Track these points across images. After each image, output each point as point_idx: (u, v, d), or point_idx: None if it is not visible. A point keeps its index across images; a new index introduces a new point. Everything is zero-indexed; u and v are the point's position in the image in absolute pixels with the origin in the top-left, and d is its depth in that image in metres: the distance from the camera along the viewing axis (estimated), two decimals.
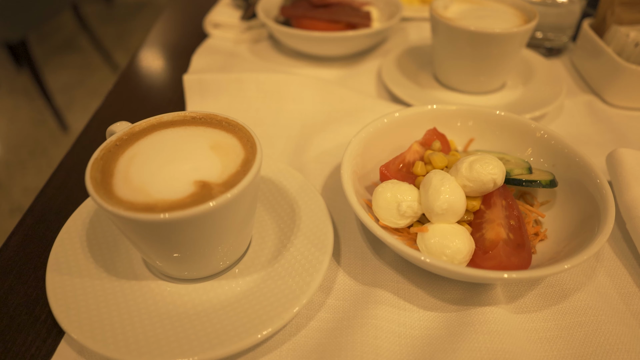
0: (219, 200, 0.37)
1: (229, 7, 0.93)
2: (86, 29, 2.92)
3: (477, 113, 0.57)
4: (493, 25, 0.66)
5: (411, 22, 0.96)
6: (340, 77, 0.79)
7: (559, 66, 0.83)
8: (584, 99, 0.73)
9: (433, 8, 0.69)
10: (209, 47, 0.85)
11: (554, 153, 0.53)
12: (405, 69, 0.77)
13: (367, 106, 0.67)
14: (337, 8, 0.82)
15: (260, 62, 0.82)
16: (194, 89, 0.71)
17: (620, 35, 0.71)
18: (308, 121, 0.67)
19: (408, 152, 0.52)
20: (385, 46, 0.88)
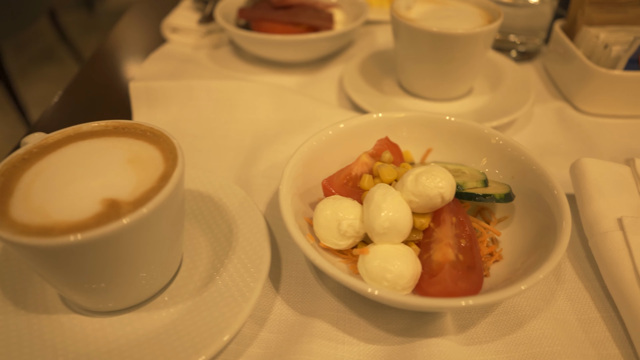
0: (122, 222, 0.32)
1: (188, 10, 0.89)
2: (65, 39, 2.87)
3: (429, 120, 0.53)
4: (456, 25, 0.62)
5: (380, 25, 0.92)
6: (302, 83, 0.75)
7: (531, 71, 0.79)
8: (554, 106, 0.70)
9: (393, 9, 0.65)
10: (165, 53, 0.81)
11: (512, 163, 0.49)
12: (368, 75, 0.73)
13: (322, 115, 0.63)
14: (298, 10, 0.78)
15: (218, 69, 0.79)
16: (140, 97, 0.67)
17: (590, 37, 0.68)
18: (260, 131, 0.63)
19: (355, 164, 0.49)
20: (351, 50, 0.84)
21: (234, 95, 0.66)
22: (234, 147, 0.62)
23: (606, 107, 0.67)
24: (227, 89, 0.67)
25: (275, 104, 0.66)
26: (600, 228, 0.46)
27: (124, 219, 0.33)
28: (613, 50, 0.64)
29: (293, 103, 0.65)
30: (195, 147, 0.62)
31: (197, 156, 0.60)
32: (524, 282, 0.36)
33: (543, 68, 0.80)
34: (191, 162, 0.59)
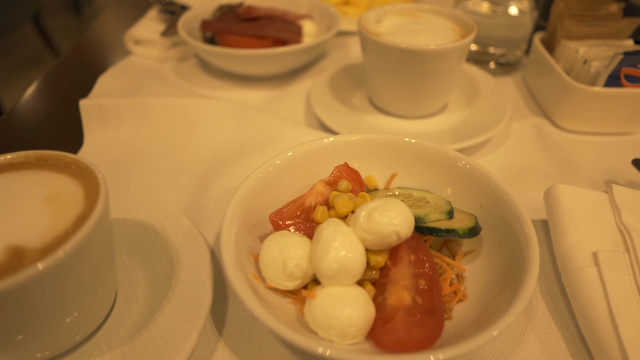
0: (16, 277, 0.28)
1: (154, 21, 0.85)
2: (50, 44, 2.82)
3: (391, 143, 0.49)
4: (428, 40, 0.59)
5: (355, 36, 0.88)
6: (269, 98, 0.71)
7: (510, 84, 0.76)
8: (532, 122, 0.66)
9: (361, 23, 0.62)
10: (127, 66, 0.77)
11: (480, 191, 0.45)
12: (338, 90, 0.69)
13: (284, 135, 0.59)
14: (265, 22, 0.74)
15: (182, 83, 0.75)
16: (92, 115, 0.63)
17: (570, 51, 0.64)
18: (218, 152, 0.59)
19: (309, 194, 0.45)
20: (323, 63, 0.80)
21: (192, 113, 0.62)
22: (189, 169, 0.58)
23: (585, 124, 0.64)
24: (185, 107, 0.63)
25: (235, 123, 0.62)
26: (573, 263, 0.42)
27: (22, 273, 0.29)
28: (592, 66, 0.60)
29: (255, 121, 0.61)
30: (149, 168, 0.58)
31: (150, 178, 0.56)
32: (493, 326, 0.32)
33: (523, 81, 0.77)
34: (143, 185, 0.55)
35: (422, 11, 0.66)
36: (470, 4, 0.80)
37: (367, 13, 0.64)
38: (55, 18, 3.87)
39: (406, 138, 0.49)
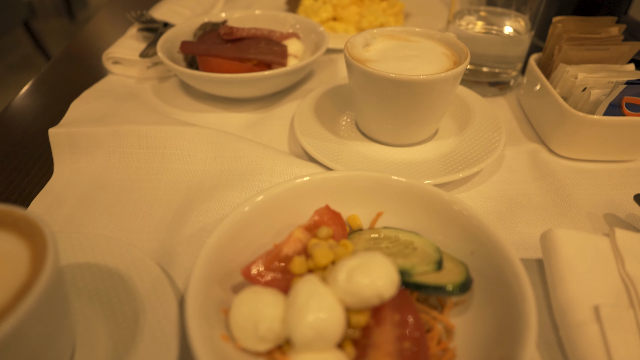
0: None
1: (133, 39, 0.82)
2: (41, 48, 2.78)
3: (376, 181, 0.46)
4: (418, 67, 0.56)
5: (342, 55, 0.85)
6: (252, 122, 0.68)
7: (504, 106, 0.73)
8: (527, 148, 0.63)
9: (348, 48, 0.58)
10: (103, 88, 0.73)
11: (473, 236, 0.42)
12: (324, 114, 0.66)
13: (265, 166, 0.56)
14: (248, 43, 0.71)
15: (162, 105, 0.71)
16: (62, 144, 0.59)
17: (568, 77, 0.61)
18: (194, 184, 0.56)
19: (287, 242, 0.41)
20: (309, 83, 0.77)
21: (168, 142, 0.59)
22: (163, 203, 0.54)
23: (583, 151, 0.61)
24: (161, 135, 0.59)
25: (213, 152, 0.58)
26: (573, 318, 0.38)
27: None
28: (592, 93, 0.57)
29: (234, 150, 0.58)
30: (120, 201, 0.54)
31: (122, 213, 0.53)
32: None
33: (517, 102, 0.74)
34: (113, 219, 0.52)
35: (412, 34, 0.63)
36: (463, 22, 0.77)
37: (355, 38, 0.60)
38: (48, 21, 3.85)
39: (393, 176, 0.45)
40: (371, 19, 0.87)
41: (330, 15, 0.91)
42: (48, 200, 0.55)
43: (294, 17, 0.81)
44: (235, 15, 0.83)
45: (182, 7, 0.90)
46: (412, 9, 1.00)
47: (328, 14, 0.90)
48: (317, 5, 0.90)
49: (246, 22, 0.83)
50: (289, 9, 0.96)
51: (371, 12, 0.88)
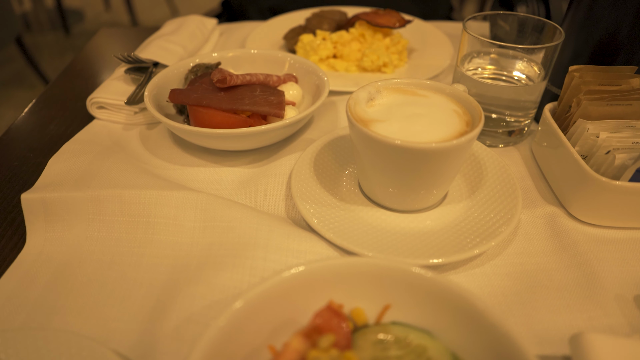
0: None
1: (120, 81, 0.76)
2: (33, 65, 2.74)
3: (383, 270, 0.41)
4: (427, 129, 0.51)
5: (344, 98, 0.80)
6: (245, 179, 0.63)
7: (516, 158, 0.68)
8: (544, 211, 0.58)
9: (350, 106, 0.53)
10: (86, 138, 0.68)
11: (494, 344, 0.36)
12: (324, 173, 0.60)
13: (260, 240, 0.50)
14: (242, 92, 0.66)
15: (148, 157, 0.66)
16: (36, 211, 0.54)
17: (588, 135, 0.56)
18: (181, 260, 0.51)
19: (284, 354, 0.36)
20: (309, 131, 0.72)
21: (153, 209, 0.54)
22: (145, 282, 0.49)
23: (607, 218, 0.56)
24: (144, 201, 0.54)
25: (202, 221, 0.53)
26: None
27: None
28: (617, 158, 0.52)
29: (226, 220, 0.53)
30: (98, 280, 0.49)
31: (99, 294, 0.48)
32: None
33: (530, 153, 0.69)
34: (89, 303, 0.47)
35: (420, 87, 0.58)
36: (472, 66, 0.72)
37: (358, 93, 0.55)
38: (43, 34, 3.81)
39: (401, 264, 0.40)
40: (373, 58, 0.83)
41: (331, 52, 0.86)
42: (18, 277, 0.49)
43: (292, 57, 0.77)
44: (229, 54, 0.78)
45: (173, 43, 0.85)
46: (416, 44, 0.96)
47: (328, 52, 0.85)
48: (317, 42, 0.85)
49: (241, 63, 0.78)
50: (287, 44, 0.92)
51: (373, 51, 0.83)
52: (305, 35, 0.87)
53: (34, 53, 3.44)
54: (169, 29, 0.94)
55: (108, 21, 3.98)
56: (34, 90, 2.99)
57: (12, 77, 3.20)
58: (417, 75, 0.83)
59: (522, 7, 0.89)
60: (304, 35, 0.87)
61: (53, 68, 3.27)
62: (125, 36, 1.07)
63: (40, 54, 3.50)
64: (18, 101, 2.97)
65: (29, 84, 3.10)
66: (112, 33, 1.08)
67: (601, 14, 0.64)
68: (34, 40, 3.69)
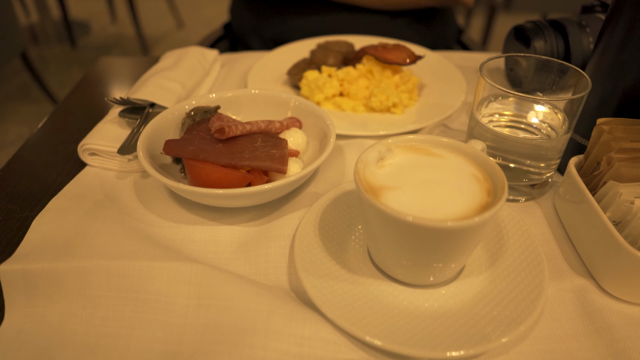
0: None
1: (114, 124, 0.72)
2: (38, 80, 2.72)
3: None
4: (444, 202, 0.46)
5: (353, 141, 0.75)
6: (245, 241, 0.58)
7: (537, 214, 0.62)
8: (573, 284, 0.53)
9: (358, 169, 0.49)
10: (75, 191, 0.64)
11: None
12: (330, 237, 0.56)
13: (259, 324, 0.45)
14: (242, 143, 0.61)
15: (142, 212, 0.61)
16: (16, 284, 0.49)
17: (621, 201, 0.51)
18: (172, 346, 0.46)
19: None
20: (314, 183, 0.67)
21: (142, 283, 0.49)
22: None
23: None
24: (134, 274, 0.49)
25: (197, 298, 0.48)
26: None
27: None
28: None
29: (222, 299, 0.48)
30: None
31: None
32: None
33: (553, 209, 0.63)
34: None
35: (436, 146, 0.53)
36: (488, 110, 0.67)
37: (367, 153, 0.50)
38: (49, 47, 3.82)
39: None
40: (382, 98, 0.78)
41: (337, 90, 0.81)
42: None
43: (296, 99, 0.72)
44: (229, 94, 0.73)
45: (171, 80, 0.81)
46: (426, 77, 0.91)
47: (334, 90, 0.81)
48: (322, 80, 0.80)
49: (241, 104, 0.74)
50: (290, 80, 0.87)
51: (382, 90, 0.78)
52: (310, 72, 0.82)
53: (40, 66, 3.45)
54: (167, 62, 0.89)
55: (114, 34, 3.98)
56: (39, 105, 2.97)
57: (17, 91, 3.20)
58: (429, 116, 0.78)
59: (539, 42, 0.84)
60: (308, 72, 0.82)
61: (59, 82, 3.26)
62: (123, 67, 1.03)
63: (47, 67, 3.50)
64: (23, 116, 2.95)
65: (33, 98, 3.09)
66: (109, 63, 1.04)
67: (631, 59, 0.59)
68: (41, 52, 3.69)
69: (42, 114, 2.88)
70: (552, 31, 0.85)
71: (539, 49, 0.84)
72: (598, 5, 0.90)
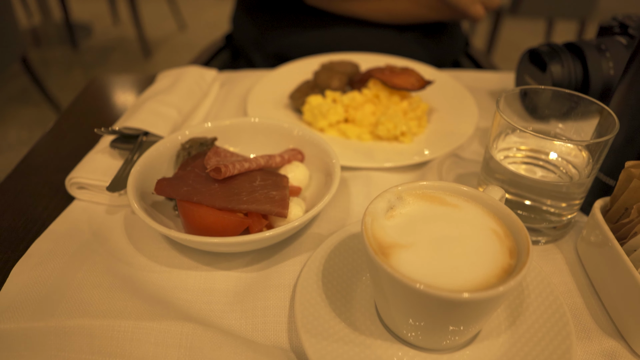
0: None
1: (105, 155, 0.68)
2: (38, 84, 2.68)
3: None
4: (461, 265, 0.41)
5: (357, 174, 0.70)
6: (241, 289, 0.53)
7: (558, 261, 0.58)
8: (601, 347, 0.48)
9: (366, 223, 0.44)
10: (60, 230, 0.59)
11: None
12: (334, 289, 0.51)
13: None
14: (240, 183, 0.57)
15: (132, 253, 0.57)
16: None
17: None
18: None
19: None
20: (316, 224, 0.62)
21: (128, 346, 0.45)
22: None
23: None
24: (119, 336, 0.45)
25: None
26: None
27: None
28: None
29: None
30: None
31: None
32: None
33: (576, 254, 0.59)
34: None
35: (451, 193, 0.49)
36: (505, 144, 0.63)
37: (376, 203, 0.46)
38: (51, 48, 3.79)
39: None
40: (390, 126, 0.73)
41: (341, 117, 0.77)
42: None
43: (300, 129, 0.67)
44: (227, 123, 0.69)
45: (166, 105, 0.76)
46: (435, 100, 0.86)
47: (339, 117, 0.76)
48: (326, 106, 0.76)
49: (240, 133, 0.69)
50: (293, 103, 0.83)
51: (389, 118, 0.74)
52: (314, 97, 0.78)
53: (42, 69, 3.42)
54: (164, 83, 0.85)
55: (116, 36, 3.94)
56: (39, 108, 2.94)
57: (18, 94, 3.17)
58: (439, 145, 0.74)
59: (555, 66, 0.79)
60: (312, 98, 0.77)
61: (60, 85, 3.23)
62: (119, 86, 0.99)
63: (48, 70, 3.47)
64: (23, 119, 2.93)
65: (34, 101, 3.06)
66: (103, 82, 1.00)
67: None
68: (43, 55, 3.66)
69: (42, 117, 2.85)
70: (569, 55, 0.80)
71: (555, 74, 0.79)
72: (617, 26, 0.85)
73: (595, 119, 0.59)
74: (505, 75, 1.00)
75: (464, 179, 0.71)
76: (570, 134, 0.63)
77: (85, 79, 3.34)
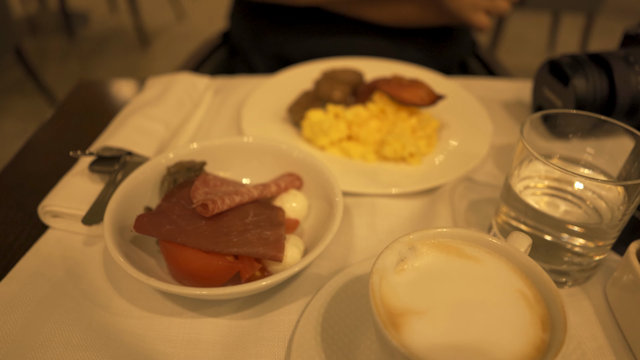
0: None
1: (83, 177, 0.62)
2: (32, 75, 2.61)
3: None
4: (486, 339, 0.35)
5: (359, 200, 0.64)
6: (231, 341, 0.47)
7: (586, 309, 0.52)
8: None
9: (373, 284, 0.38)
10: (29, 269, 0.53)
11: None
12: (336, 343, 0.45)
13: None
14: (231, 220, 0.51)
15: (111, 295, 0.51)
16: None
17: None
18: None
19: None
20: (318, 260, 0.56)
21: None
22: None
23: None
24: None
25: None
26: None
27: None
28: None
29: None
30: None
31: None
32: None
33: (605, 301, 0.53)
34: None
35: (470, 244, 0.42)
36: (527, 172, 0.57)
37: (384, 257, 0.40)
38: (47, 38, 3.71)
39: None
40: (397, 147, 0.67)
41: (344, 134, 0.70)
42: None
43: (299, 152, 0.60)
44: (217, 143, 0.62)
45: (152, 120, 0.70)
46: (446, 116, 0.79)
47: (341, 134, 0.70)
48: (328, 123, 0.69)
49: (232, 156, 0.63)
50: (291, 117, 0.76)
51: (396, 137, 0.67)
52: (314, 112, 0.71)
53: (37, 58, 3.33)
54: (152, 93, 0.78)
55: (113, 26, 3.85)
56: (34, 100, 2.87)
57: (12, 84, 3.10)
58: (450, 168, 0.67)
59: (579, 80, 0.72)
60: (312, 113, 0.71)
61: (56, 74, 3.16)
62: (104, 94, 0.92)
63: (45, 59, 3.39)
64: (17, 110, 2.86)
65: (29, 92, 2.99)
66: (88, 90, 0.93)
67: None
68: (38, 44, 3.58)
69: (36, 108, 2.78)
70: (594, 67, 0.73)
71: (579, 88, 0.72)
72: None
73: (629, 141, 0.52)
74: (521, 84, 0.93)
75: (479, 205, 0.65)
76: (601, 161, 0.56)
77: (82, 69, 3.27)
